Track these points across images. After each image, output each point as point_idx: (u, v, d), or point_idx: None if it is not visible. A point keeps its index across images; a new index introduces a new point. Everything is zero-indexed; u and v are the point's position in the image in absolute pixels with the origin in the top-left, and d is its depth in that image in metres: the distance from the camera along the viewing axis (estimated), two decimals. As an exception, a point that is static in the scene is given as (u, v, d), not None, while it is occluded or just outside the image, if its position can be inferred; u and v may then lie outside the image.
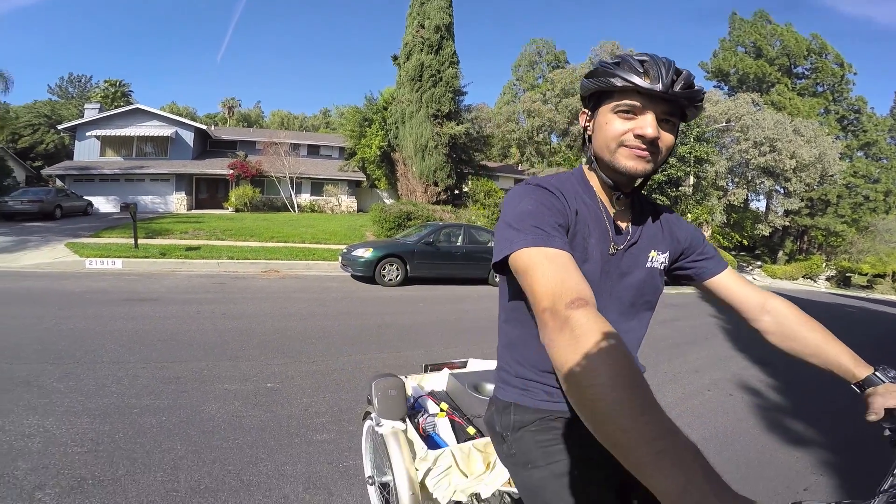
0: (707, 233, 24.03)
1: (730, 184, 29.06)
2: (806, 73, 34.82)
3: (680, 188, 23.88)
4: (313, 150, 27.05)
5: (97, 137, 22.70)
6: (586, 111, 0.91)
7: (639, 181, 0.92)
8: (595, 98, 0.87)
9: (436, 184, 19.86)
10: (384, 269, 8.59)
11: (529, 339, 0.94)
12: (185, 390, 2.98)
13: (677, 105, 0.82)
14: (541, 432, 0.93)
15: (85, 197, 18.80)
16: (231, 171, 22.22)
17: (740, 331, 6.52)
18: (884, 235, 29.31)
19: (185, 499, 1.87)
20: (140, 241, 10.26)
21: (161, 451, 2.22)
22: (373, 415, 1.54)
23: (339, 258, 9.33)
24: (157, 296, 6.19)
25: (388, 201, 19.79)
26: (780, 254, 31.96)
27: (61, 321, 4.45)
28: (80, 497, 1.81)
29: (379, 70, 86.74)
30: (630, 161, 0.82)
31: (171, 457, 2.17)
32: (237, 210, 21.34)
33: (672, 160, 24.20)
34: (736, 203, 27.69)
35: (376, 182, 23.99)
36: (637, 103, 0.80)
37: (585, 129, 0.92)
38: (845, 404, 0.78)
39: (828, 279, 28.51)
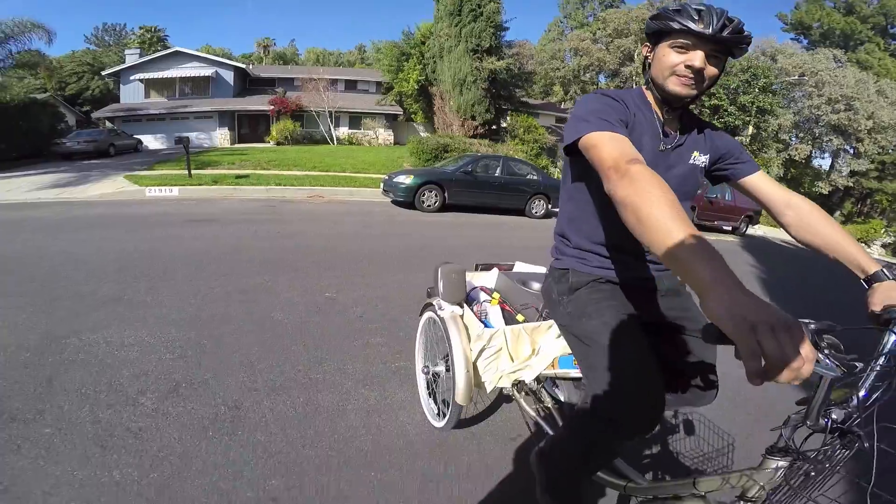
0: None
1: (793, 138, 27.02)
2: (905, 34, 30.86)
3: (737, 137, 22.31)
4: (350, 85, 26.71)
5: (140, 80, 23.30)
6: (648, 44, 1.14)
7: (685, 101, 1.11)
8: (656, 35, 1.08)
9: (473, 118, 19.39)
10: (423, 196, 8.84)
11: (587, 216, 1.19)
12: (254, 300, 3.31)
13: (725, 46, 1.01)
14: (594, 292, 1.17)
15: (135, 136, 19.69)
16: (272, 107, 22.51)
17: (775, 283, 6.42)
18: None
19: (265, 396, 2.07)
20: (192, 171, 10.82)
21: (240, 354, 2.45)
22: (434, 302, 1.76)
23: (381, 184, 9.67)
24: (216, 218, 6.65)
25: (425, 135, 19.55)
26: (837, 214, 29.88)
27: (135, 242, 4.84)
28: (176, 399, 1.99)
29: (414, 4, 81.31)
30: (678, 87, 1.05)
31: (248, 359, 2.40)
32: (279, 143, 21.84)
33: (732, 108, 22.47)
34: (797, 158, 25.92)
35: (413, 116, 23.71)
36: (689, 42, 1.01)
37: (646, 58, 1.14)
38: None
39: (883, 246, 26.55)
